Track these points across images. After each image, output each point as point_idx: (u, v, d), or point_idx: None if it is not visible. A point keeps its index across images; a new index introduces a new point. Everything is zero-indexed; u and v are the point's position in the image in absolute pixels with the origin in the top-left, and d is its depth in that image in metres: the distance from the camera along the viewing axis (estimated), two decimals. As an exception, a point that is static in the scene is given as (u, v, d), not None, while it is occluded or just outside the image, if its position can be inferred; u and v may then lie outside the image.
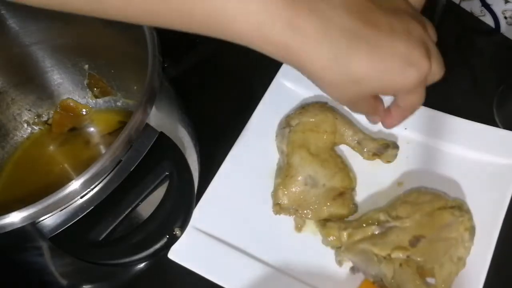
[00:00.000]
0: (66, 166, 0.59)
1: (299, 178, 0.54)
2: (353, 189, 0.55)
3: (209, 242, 0.53)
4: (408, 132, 0.58)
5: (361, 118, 0.59)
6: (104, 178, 0.40)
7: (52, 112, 0.62)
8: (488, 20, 0.67)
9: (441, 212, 0.50)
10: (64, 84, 0.61)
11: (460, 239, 0.50)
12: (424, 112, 0.58)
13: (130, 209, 0.40)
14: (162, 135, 0.42)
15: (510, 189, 0.53)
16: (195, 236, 0.53)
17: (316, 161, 0.55)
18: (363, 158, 0.57)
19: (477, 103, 0.62)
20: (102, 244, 0.39)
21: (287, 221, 0.55)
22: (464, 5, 0.68)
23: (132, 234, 0.40)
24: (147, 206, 0.42)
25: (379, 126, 0.58)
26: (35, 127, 0.62)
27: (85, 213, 0.39)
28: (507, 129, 0.57)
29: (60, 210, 0.39)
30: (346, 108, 0.59)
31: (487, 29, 0.67)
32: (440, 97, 0.61)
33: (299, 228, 0.54)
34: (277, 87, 0.60)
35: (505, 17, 0.65)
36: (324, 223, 0.53)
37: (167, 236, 0.40)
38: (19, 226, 0.37)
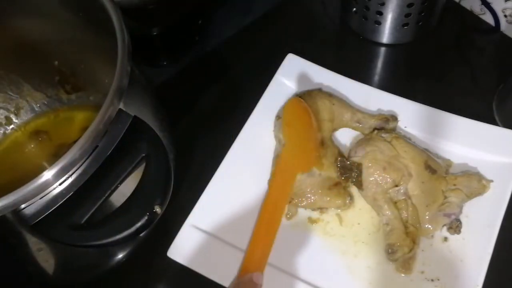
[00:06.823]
0: (45, 163, 0.58)
1: (295, 167, 0.53)
2: (348, 180, 0.55)
3: (208, 240, 0.52)
4: (408, 130, 0.58)
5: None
6: (82, 164, 0.40)
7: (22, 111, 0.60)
8: (488, 18, 0.67)
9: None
10: (35, 82, 0.60)
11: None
12: (423, 110, 0.57)
13: (109, 191, 0.41)
14: (136, 119, 0.43)
15: (510, 187, 0.52)
16: (194, 234, 0.52)
17: (313, 150, 0.54)
18: (365, 136, 0.57)
19: (477, 101, 0.62)
20: (84, 227, 0.39)
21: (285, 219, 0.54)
22: (464, 3, 0.68)
23: (113, 215, 0.40)
24: (127, 187, 0.42)
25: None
26: (7, 127, 0.60)
27: (65, 199, 0.39)
28: (506, 127, 0.57)
29: (40, 198, 0.39)
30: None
31: (487, 27, 0.67)
32: (440, 96, 0.62)
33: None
34: (277, 85, 0.60)
35: (505, 16, 0.65)
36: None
37: (148, 214, 0.40)
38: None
